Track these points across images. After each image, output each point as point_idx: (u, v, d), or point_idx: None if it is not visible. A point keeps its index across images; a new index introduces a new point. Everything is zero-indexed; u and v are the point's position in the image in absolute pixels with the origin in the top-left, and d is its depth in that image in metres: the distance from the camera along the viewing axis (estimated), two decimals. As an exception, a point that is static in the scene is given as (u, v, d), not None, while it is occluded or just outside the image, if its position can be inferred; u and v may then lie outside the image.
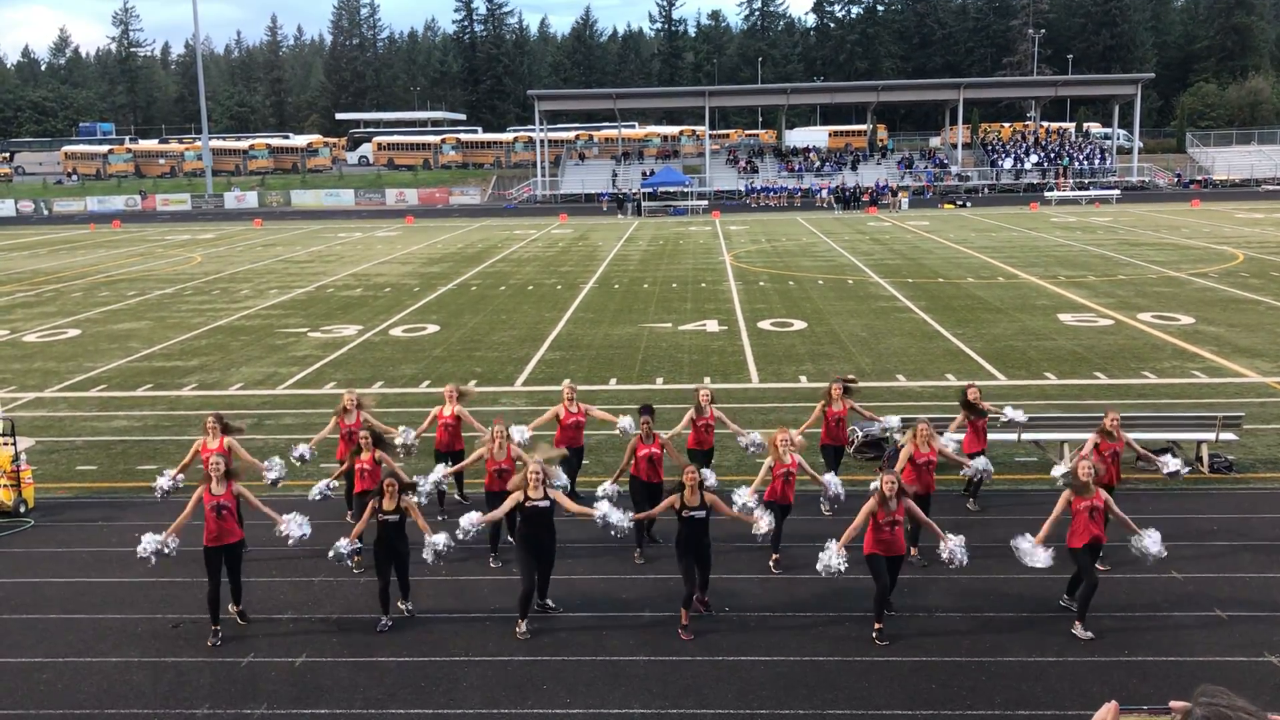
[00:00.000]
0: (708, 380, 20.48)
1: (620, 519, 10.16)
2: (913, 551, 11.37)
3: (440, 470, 12.39)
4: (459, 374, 21.52)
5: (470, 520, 10.12)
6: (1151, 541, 9.72)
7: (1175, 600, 10.48)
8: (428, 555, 10.11)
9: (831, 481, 11.62)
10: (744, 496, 10.93)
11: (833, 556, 9.71)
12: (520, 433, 13.15)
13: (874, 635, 9.76)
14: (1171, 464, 11.67)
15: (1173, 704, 2.56)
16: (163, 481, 12.18)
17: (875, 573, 9.77)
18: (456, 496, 13.51)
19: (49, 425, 18.25)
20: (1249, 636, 9.69)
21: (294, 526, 10.35)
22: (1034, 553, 9.71)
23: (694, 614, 10.10)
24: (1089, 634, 9.68)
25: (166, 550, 10.04)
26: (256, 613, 10.62)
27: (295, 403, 19.43)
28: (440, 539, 10.08)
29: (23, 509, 13.66)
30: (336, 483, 12.39)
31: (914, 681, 9.03)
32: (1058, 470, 11.76)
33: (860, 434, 15.39)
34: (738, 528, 11.61)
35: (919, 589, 10.90)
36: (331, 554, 10.20)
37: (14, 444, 14.02)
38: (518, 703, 8.83)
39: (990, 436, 14.98)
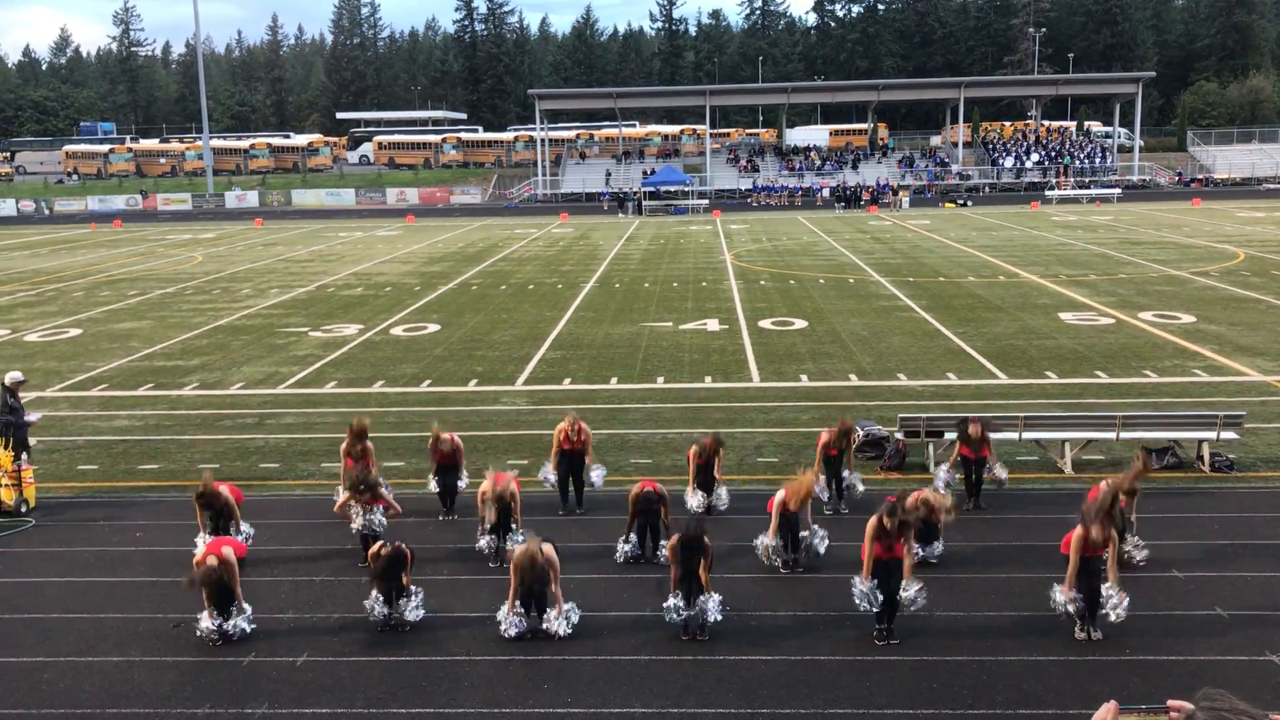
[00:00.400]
0: (709, 379, 20.49)
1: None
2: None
3: (487, 537, 11.93)
4: (460, 373, 21.53)
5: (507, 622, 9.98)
6: (1115, 603, 9.61)
7: (1176, 599, 10.48)
8: (410, 614, 10.14)
9: (816, 533, 11.46)
10: (766, 542, 11.12)
11: (863, 589, 9.69)
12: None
13: (874, 635, 9.76)
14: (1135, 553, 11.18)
15: (1170, 703, 2.56)
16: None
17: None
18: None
19: (50, 425, 18.24)
20: (1250, 636, 9.68)
21: (240, 622, 10.07)
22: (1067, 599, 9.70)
23: (693, 620, 10.11)
24: (1084, 635, 9.70)
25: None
26: (258, 612, 10.61)
27: (296, 402, 19.43)
28: (410, 611, 10.11)
29: (24, 509, 13.67)
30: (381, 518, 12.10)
31: (915, 681, 9.03)
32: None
33: (861, 432, 15.36)
34: (736, 530, 11.64)
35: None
36: (373, 618, 10.16)
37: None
38: (519, 702, 8.83)
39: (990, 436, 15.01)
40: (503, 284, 35.00)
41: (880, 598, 9.65)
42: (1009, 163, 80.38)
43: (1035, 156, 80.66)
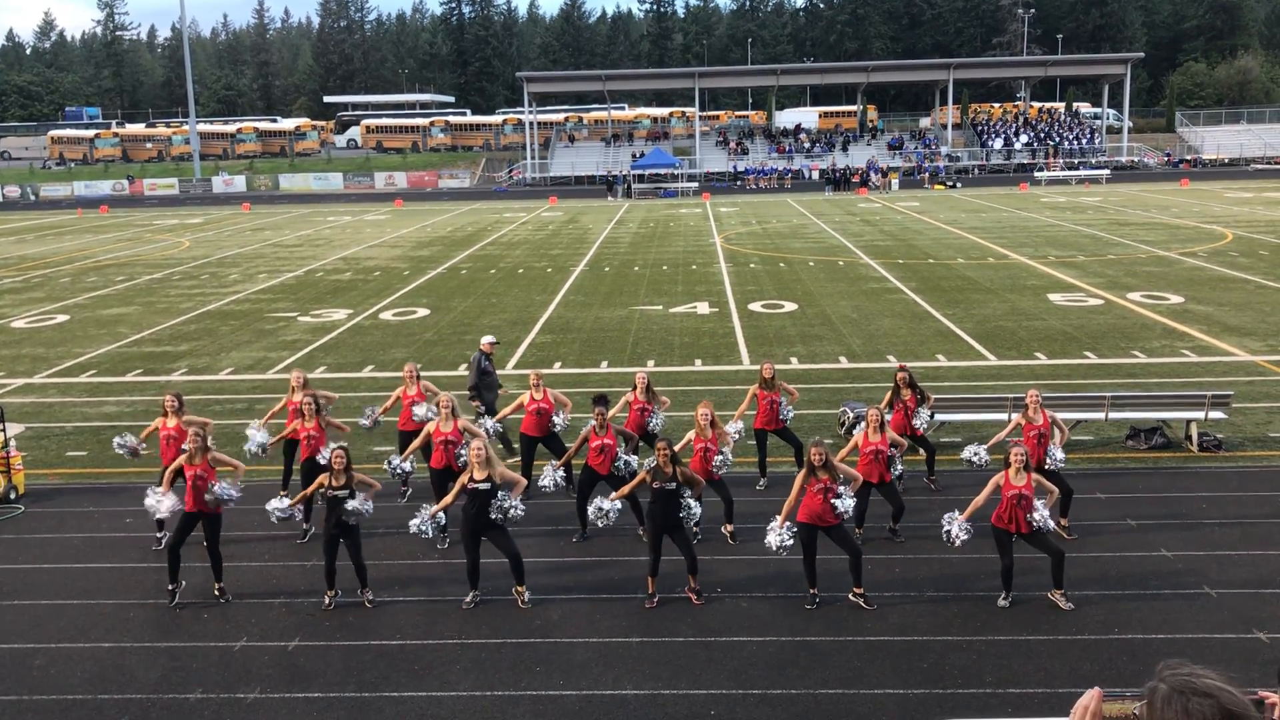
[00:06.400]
0: (699, 362, 20.49)
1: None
2: (858, 531, 11.54)
3: (397, 460, 12.49)
4: (449, 358, 21.51)
5: (422, 518, 10.30)
6: (1041, 516, 9.81)
7: (1164, 578, 10.54)
8: (352, 506, 10.15)
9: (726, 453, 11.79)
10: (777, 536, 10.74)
11: (775, 534, 9.95)
12: (491, 425, 13.06)
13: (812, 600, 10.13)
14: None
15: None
16: (124, 440, 12.52)
17: (803, 543, 10.04)
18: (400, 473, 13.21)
19: (38, 411, 18.19)
20: (1238, 614, 9.75)
21: (222, 488, 10.60)
22: (953, 526, 10.09)
23: (663, 595, 10.16)
24: (1006, 602, 9.98)
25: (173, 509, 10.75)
26: (249, 596, 10.63)
27: (285, 387, 19.32)
28: (362, 505, 10.19)
29: (13, 495, 13.62)
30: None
31: (906, 661, 9.08)
32: (969, 452, 11.99)
33: (851, 414, 15.40)
34: (722, 511, 11.66)
35: (910, 569, 10.95)
36: (272, 512, 10.83)
37: (4, 430, 13.97)
38: (511, 685, 8.85)
39: (979, 417, 15.10)
40: (492, 268, 34.92)
41: (787, 543, 10.00)
42: (998, 144, 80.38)
43: (1024, 138, 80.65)
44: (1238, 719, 2.33)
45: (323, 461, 11.15)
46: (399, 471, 12.47)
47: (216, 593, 10.52)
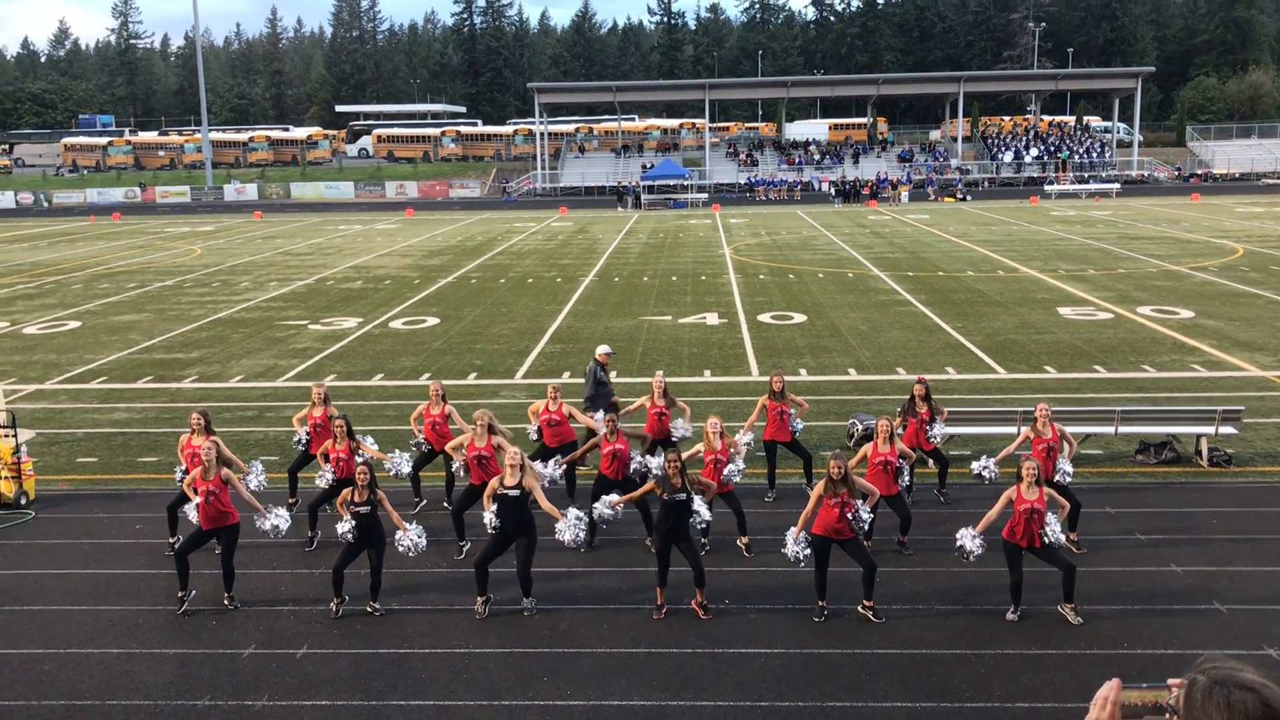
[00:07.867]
0: (708, 373, 20.50)
1: (577, 534, 10.48)
2: (901, 538, 11.55)
3: (404, 456, 12.81)
4: (459, 367, 21.54)
5: (488, 520, 10.29)
6: (1053, 530, 9.80)
7: (1174, 593, 10.50)
8: (401, 546, 10.43)
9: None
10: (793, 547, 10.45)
11: (791, 545, 10.07)
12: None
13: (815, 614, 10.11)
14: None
15: (1171, 682, 2.58)
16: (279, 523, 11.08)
17: (816, 555, 10.07)
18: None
19: (50, 417, 18.26)
20: (1248, 629, 9.71)
21: (279, 520, 10.88)
22: (966, 540, 10.07)
23: (673, 606, 10.16)
24: (1015, 616, 9.95)
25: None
26: (258, 604, 10.65)
27: (295, 395, 19.41)
28: (412, 535, 10.44)
29: (24, 501, 13.67)
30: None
31: (914, 673, 9.06)
32: (978, 466, 12.04)
33: (860, 426, 15.38)
34: (729, 524, 11.65)
35: (918, 582, 10.92)
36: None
37: (15, 436, 14.03)
38: (518, 694, 8.85)
39: (988, 430, 15.07)
40: (502, 277, 34.98)
41: (803, 554, 10.11)
42: (1008, 157, 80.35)
43: (1034, 151, 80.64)
44: (1279, 715, 2.33)
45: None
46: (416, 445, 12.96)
47: (225, 601, 10.56)
